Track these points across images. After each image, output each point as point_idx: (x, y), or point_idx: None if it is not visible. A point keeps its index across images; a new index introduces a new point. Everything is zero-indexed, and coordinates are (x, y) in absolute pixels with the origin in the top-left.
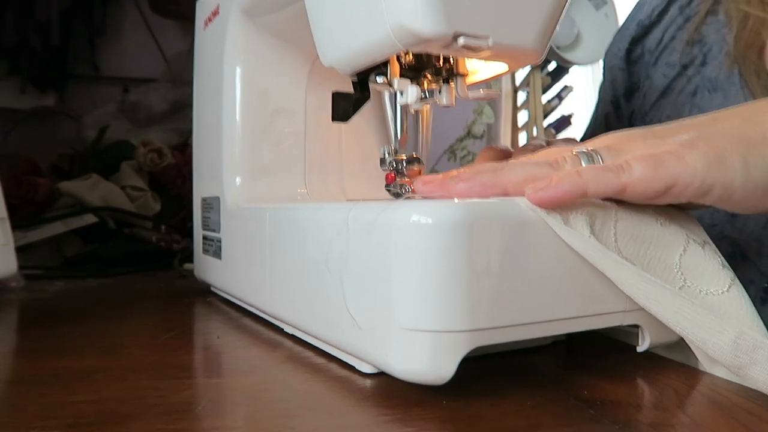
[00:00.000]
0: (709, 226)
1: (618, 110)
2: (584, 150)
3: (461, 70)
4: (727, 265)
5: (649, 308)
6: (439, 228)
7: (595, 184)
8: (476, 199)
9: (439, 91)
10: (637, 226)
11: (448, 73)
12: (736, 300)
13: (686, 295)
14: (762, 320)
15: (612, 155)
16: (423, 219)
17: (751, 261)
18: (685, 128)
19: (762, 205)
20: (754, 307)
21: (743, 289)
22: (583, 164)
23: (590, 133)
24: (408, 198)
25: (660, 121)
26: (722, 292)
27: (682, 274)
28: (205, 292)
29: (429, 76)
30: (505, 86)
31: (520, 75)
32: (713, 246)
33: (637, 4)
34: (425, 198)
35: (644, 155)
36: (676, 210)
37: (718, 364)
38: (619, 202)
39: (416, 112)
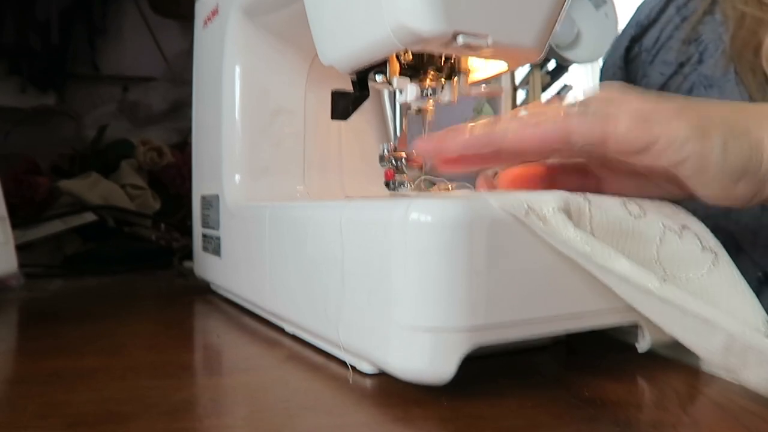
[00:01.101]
0: (703, 218)
1: None
2: (580, 100)
3: (463, 67)
4: (712, 245)
5: (639, 310)
6: (439, 226)
7: (579, 128)
8: (475, 198)
9: (441, 89)
10: (612, 221)
11: (451, 70)
12: (720, 280)
13: (671, 287)
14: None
15: (605, 105)
16: (423, 217)
17: (745, 252)
18: (680, 100)
19: (733, 192)
20: (744, 284)
21: (731, 266)
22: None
23: None
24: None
25: None
26: (702, 275)
27: (661, 265)
28: (204, 291)
29: (431, 73)
30: (505, 85)
31: (520, 74)
32: (695, 227)
33: (638, 7)
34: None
35: (633, 110)
36: (648, 199)
37: None
38: (589, 194)
39: (419, 110)
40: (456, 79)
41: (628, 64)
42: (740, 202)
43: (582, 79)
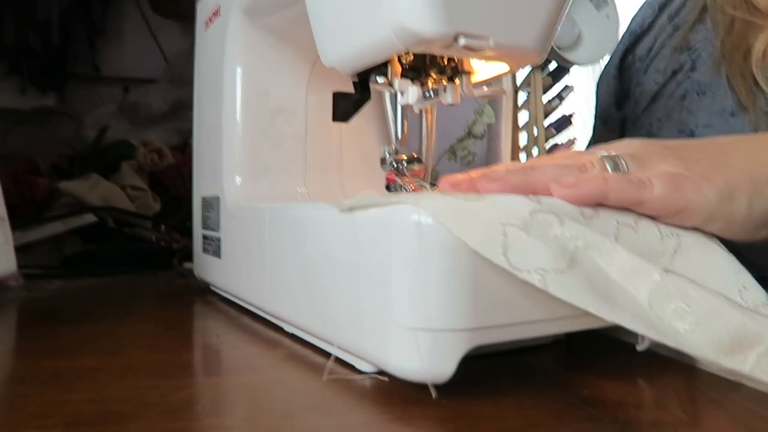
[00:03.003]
0: None
1: (610, 117)
2: (608, 155)
3: (466, 68)
4: (676, 232)
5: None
6: (439, 227)
7: (617, 192)
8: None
9: (444, 90)
10: (572, 221)
11: (453, 71)
12: (687, 264)
13: (637, 286)
14: None
15: (636, 165)
16: (423, 218)
17: (742, 254)
18: (703, 155)
19: (755, 236)
20: (714, 255)
21: (696, 243)
22: (609, 169)
23: (594, 142)
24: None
25: (651, 126)
26: (669, 263)
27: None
28: (204, 291)
29: (433, 74)
30: (506, 86)
31: (521, 75)
32: (650, 220)
33: (632, 17)
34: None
35: (666, 175)
36: None
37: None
38: (541, 196)
39: (420, 111)
40: (458, 80)
41: (622, 73)
42: (761, 240)
43: (583, 80)
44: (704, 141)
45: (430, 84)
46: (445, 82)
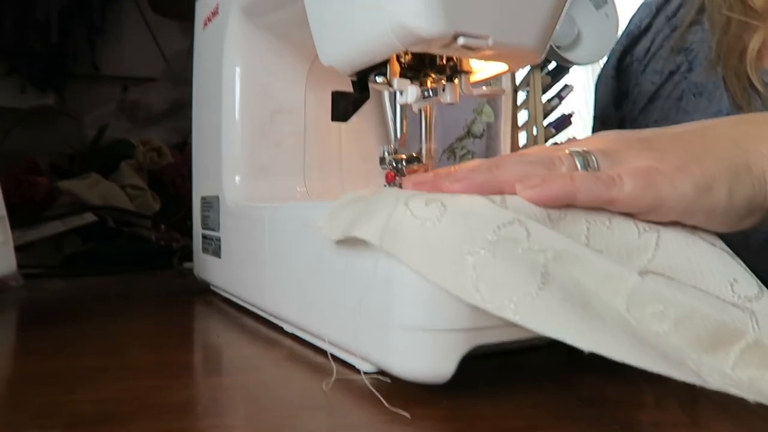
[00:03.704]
0: None
1: (609, 117)
2: (578, 150)
3: (465, 67)
4: (655, 227)
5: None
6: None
7: (586, 193)
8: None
9: (443, 89)
10: (540, 228)
11: (452, 70)
12: (671, 259)
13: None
14: None
15: (607, 161)
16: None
17: (738, 254)
18: (680, 145)
19: (739, 226)
20: (699, 248)
21: (677, 237)
22: (579, 166)
23: None
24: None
25: (648, 127)
26: (650, 260)
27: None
28: (204, 291)
29: (432, 74)
30: (505, 86)
31: (520, 74)
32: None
33: (630, 18)
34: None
35: (638, 170)
36: None
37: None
38: (506, 196)
39: (420, 110)
40: (457, 79)
41: (620, 73)
42: (745, 230)
43: (583, 79)
44: (683, 129)
45: (428, 83)
46: (444, 82)
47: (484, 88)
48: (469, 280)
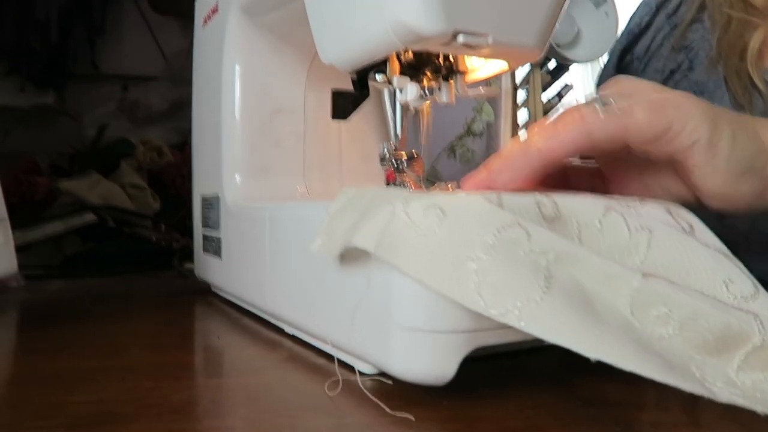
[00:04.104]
0: None
1: None
2: (596, 96)
3: (461, 67)
4: (642, 223)
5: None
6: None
7: (599, 126)
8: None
9: (439, 89)
10: (539, 230)
11: (448, 70)
12: (664, 257)
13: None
14: None
15: (622, 99)
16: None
17: (740, 258)
18: (692, 95)
19: (737, 188)
20: (691, 248)
21: (669, 236)
22: (597, 107)
23: None
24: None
25: None
26: (643, 261)
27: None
28: (204, 292)
29: (429, 73)
30: (505, 84)
31: (520, 73)
32: (616, 214)
33: (630, 16)
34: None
35: (648, 100)
36: (561, 196)
37: None
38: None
39: (416, 109)
40: (453, 80)
41: (620, 72)
42: (743, 202)
43: (582, 78)
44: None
45: (425, 82)
46: (441, 81)
47: (480, 88)
48: (472, 285)
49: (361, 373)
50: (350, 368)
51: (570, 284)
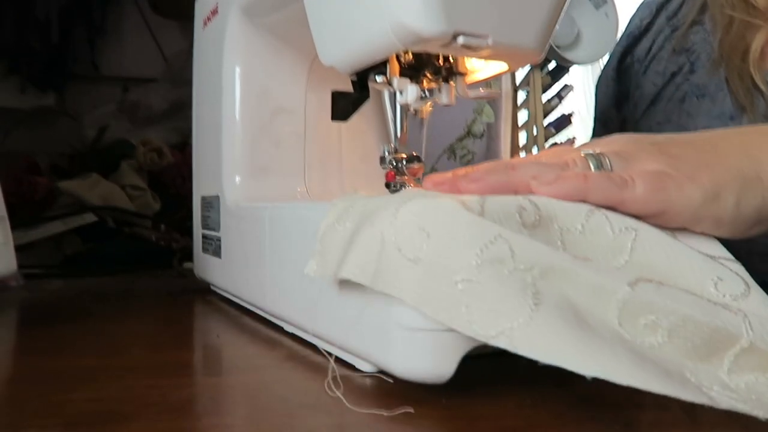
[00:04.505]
0: None
1: (610, 119)
2: (592, 152)
3: (461, 69)
4: (627, 224)
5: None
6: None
7: (598, 192)
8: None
9: (439, 90)
10: (523, 244)
11: (448, 71)
12: (649, 258)
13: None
14: None
15: (620, 163)
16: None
17: (741, 260)
18: (691, 152)
19: (747, 233)
20: (676, 248)
21: (655, 236)
22: (592, 168)
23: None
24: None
25: (650, 129)
26: (626, 262)
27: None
28: (204, 291)
29: (429, 75)
30: (505, 86)
31: (520, 74)
32: (600, 215)
33: (630, 18)
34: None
35: (649, 174)
36: (543, 197)
37: None
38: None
39: (416, 111)
40: (453, 81)
41: (620, 74)
42: (752, 235)
43: (583, 79)
44: (695, 136)
45: (425, 84)
46: (441, 82)
47: (480, 89)
48: (463, 309)
49: (361, 372)
50: (350, 366)
51: (558, 299)
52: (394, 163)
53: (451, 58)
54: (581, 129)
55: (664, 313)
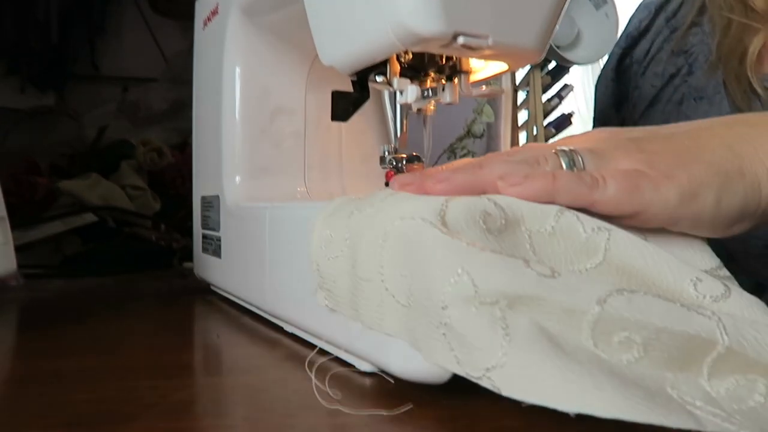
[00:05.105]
0: None
1: (609, 120)
2: (565, 149)
3: (464, 67)
4: (599, 224)
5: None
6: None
7: (567, 193)
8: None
9: (442, 89)
10: (486, 266)
11: (451, 70)
12: (626, 264)
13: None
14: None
15: (594, 161)
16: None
17: (737, 261)
18: (670, 148)
19: (729, 232)
20: (661, 256)
21: (624, 239)
22: (564, 165)
23: None
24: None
25: None
26: (599, 263)
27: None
28: (204, 291)
29: (432, 73)
30: (505, 85)
31: (520, 74)
32: (570, 215)
33: (629, 19)
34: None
35: (623, 173)
36: (507, 201)
37: None
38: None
39: (419, 110)
40: (456, 79)
41: (620, 75)
42: (746, 235)
43: (583, 79)
44: (677, 129)
45: (428, 83)
46: (443, 81)
47: (483, 88)
48: (450, 352)
49: (361, 372)
50: (350, 366)
51: (530, 329)
52: (394, 163)
53: (454, 57)
54: (581, 129)
55: (636, 328)
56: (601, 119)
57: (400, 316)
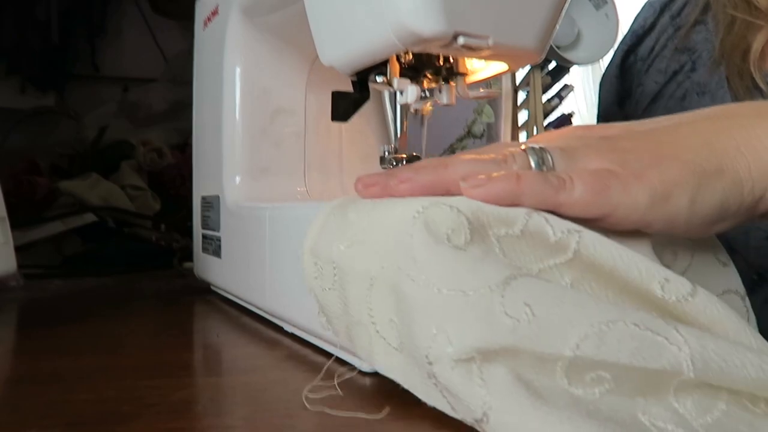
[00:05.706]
0: None
1: (613, 117)
2: (535, 147)
3: (461, 69)
4: (570, 227)
5: None
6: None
7: (531, 195)
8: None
9: (440, 91)
10: (461, 322)
11: (448, 72)
12: (595, 267)
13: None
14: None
15: (564, 160)
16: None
17: (738, 253)
18: (645, 146)
19: (709, 232)
20: (630, 257)
21: (596, 241)
22: (533, 164)
23: None
24: None
25: None
26: (569, 260)
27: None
28: (204, 291)
29: (429, 75)
30: (505, 86)
31: (520, 74)
32: (539, 217)
33: (635, 17)
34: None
35: (591, 174)
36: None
37: None
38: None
39: (416, 111)
40: (453, 81)
41: (624, 73)
42: (747, 226)
43: (583, 79)
44: (656, 125)
45: (426, 84)
46: (441, 83)
47: (480, 89)
48: (442, 398)
49: (361, 371)
50: (350, 366)
51: (507, 380)
52: (394, 163)
53: (451, 59)
54: None
55: (604, 366)
56: (604, 116)
57: (393, 359)
